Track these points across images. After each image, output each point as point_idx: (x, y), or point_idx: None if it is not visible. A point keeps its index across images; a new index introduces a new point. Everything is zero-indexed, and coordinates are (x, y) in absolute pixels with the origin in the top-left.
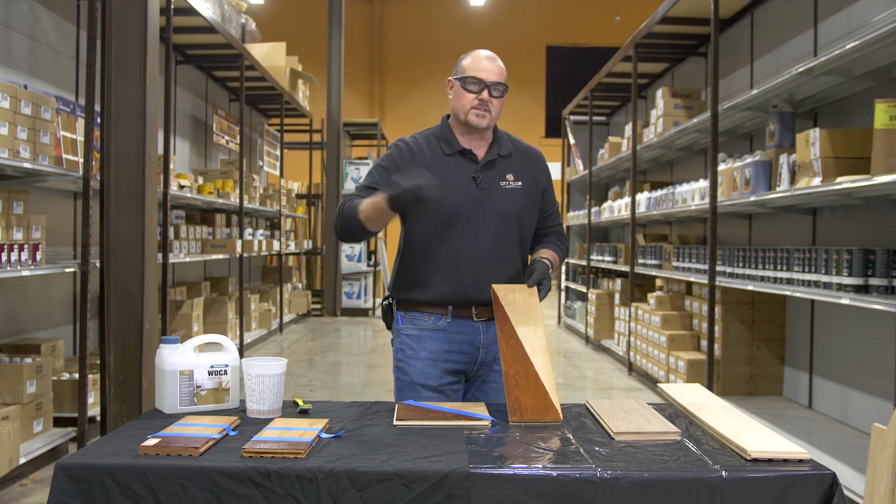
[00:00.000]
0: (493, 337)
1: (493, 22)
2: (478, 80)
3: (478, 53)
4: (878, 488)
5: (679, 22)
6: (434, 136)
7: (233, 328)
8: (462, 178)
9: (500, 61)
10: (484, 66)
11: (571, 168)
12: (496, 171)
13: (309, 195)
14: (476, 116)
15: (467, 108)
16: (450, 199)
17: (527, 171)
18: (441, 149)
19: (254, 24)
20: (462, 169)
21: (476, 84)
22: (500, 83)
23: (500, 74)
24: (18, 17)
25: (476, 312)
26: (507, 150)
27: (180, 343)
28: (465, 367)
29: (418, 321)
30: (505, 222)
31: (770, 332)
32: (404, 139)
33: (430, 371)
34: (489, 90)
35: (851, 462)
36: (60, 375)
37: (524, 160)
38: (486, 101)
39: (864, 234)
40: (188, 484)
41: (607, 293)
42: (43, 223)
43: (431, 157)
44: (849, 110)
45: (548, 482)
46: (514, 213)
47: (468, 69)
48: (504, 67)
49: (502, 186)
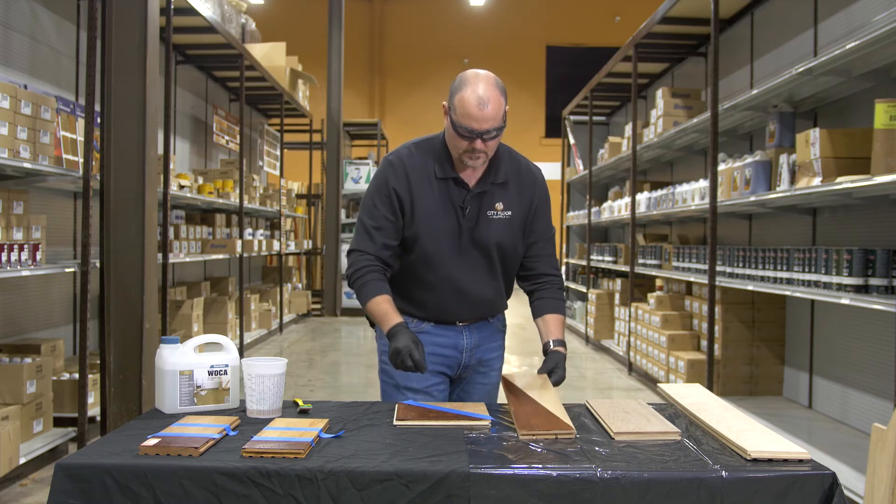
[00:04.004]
0: (475, 341)
1: (493, 22)
2: (469, 129)
3: (468, 99)
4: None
5: (679, 22)
6: (431, 152)
7: (233, 328)
8: (449, 207)
9: (492, 104)
10: (475, 116)
11: (571, 168)
12: (486, 199)
13: (309, 195)
14: (470, 159)
15: (460, 151)
16: (435, 229)
17: (520, 199)
18: (434, 170)
19: (254, 24)
20: (451, 196)
21: (468, 133)
22: (493, 129)
23: (494, 119)
24: (18, 17)
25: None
26: (503, 176)
27: (180, 343)
28: (448, 370)
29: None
30: (488, 252)
31: (770, 332)
32: (399, 155)
33: (414, 375)
34: (481, 138)
35: (851, 462)
36: (60, 375)
37: (519, 186)
38: (479, 149)
39: (864, 234)
40: (188, 484)
41: (607, 293)
42: (43, 223)
43: (424, 179)
44: (849, 110)
45: (548, 482)
46: (498, 244)
47: (459, 116)
48: (499, 104)
49: (489, 216)
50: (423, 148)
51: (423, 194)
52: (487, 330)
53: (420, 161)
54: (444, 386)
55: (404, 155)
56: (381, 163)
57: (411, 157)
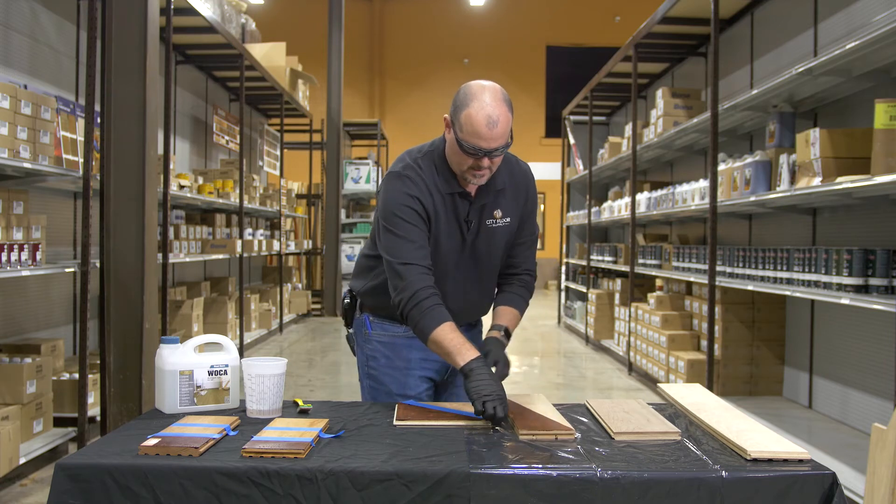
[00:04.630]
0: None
1: (493, 22)
2: (476, 148)
3: (476, 118)
4: (878, 488)
5: (679, 22)
6: (433, 166)
7: (233, 328)
8: (455, 220)
9: (501, 122)
10: (484, 136)
11: (571, 168)
12: (487, 209)
13: (309, 195)
14: (473, 177)
15: (464, 168)
16: (441, 242)
17: (517, 203)
18: (439, 185)
19: (254, 24)
20: (456, 209)
21: (474, 151)
22: (502, 146)
23: (503, 136)
24: (18, 17)
25: None
26: (501, 183)
27: (180, 343)
28: (436, 374)
29: (390, 328)
30: (488, 260)
31: (770, 332)
32: (411, 168)
33: (406, 381)
34: (488, 156)
35: (851, 462)
36: (60, 375)
37: (515, 190)
38: (485, 166)
39: (864, 234)
40: (188, 484)
41: (607, 293)
42: (43, 223)
43: (437, 194)
44: (849, 110)
45: (548, 482)
46: (498, 252)
47: (466, 134)
48: (508, 121)
49: (489, 225)
50: (426, 161)
51: (437, 210)
52: (473, 332)
53: (429, 175)
54: (432, 392)
55: (413, 168)
56: (391, 179)
57: (419, 169)
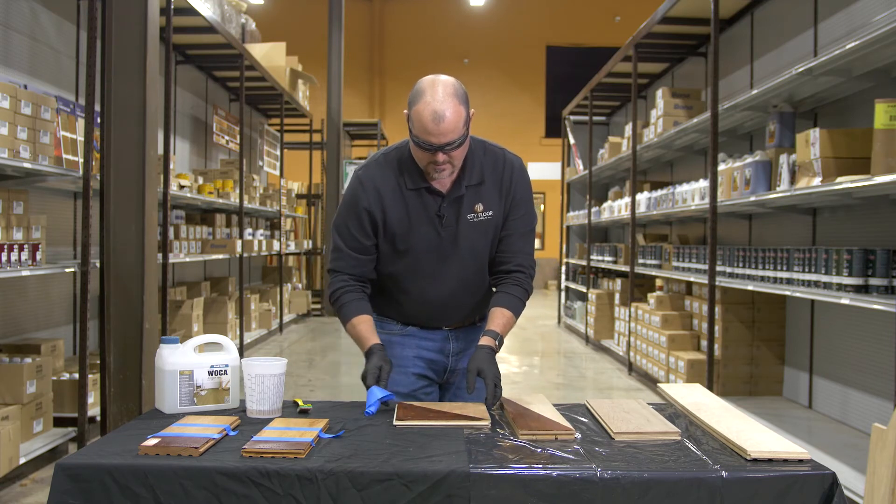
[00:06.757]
0: (461, 346)
1: (493, 22)
2: (427, 143)
3: (423, 113)
4: (878, 488)
5: (679, 22)
6: (399, 163)
7: (233, 328)
8: (426, 216)
9: (449, 116)
10: (432, 131)
11: (571, 168)
12: (465, 203)
13: (309, 195)
14: (434, 171)
15: (424, 164)
16: (414, 241)
17: (500, 195)
18: (405, 182)
19: (254, 24)
20: (426, 205)
21: (427, 146)
22: (453, 141)
23: (454, 131)
24: (18, 17)
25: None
26: (478, 176)
27: (180, 343)
28: (434, 374)
29: (386, 325)
30: (473, 256)
31: (770, 332)
32: (368, 170)
33: (400, 379)
34: (442, 151)
35: (851, 462)
36: (60, 375)
37: (498, 182)
38: (441, 160)
39: (864, 234)
40: (188, 484)
41: (607, 293)
42: (43, 223)
43: (395, 192)
44: (849, 110)
45: (548, 482)
46: (483, 246)
47: (417, 130)
48: (458, 115)
49: (469, 220)
50: (392, 158)
51: (395, 209)
52: (475, 333)
53: (389, 174)
54: (431, 389)
55: (373, 169)
56: (352, 178)
57: (381, 170)
